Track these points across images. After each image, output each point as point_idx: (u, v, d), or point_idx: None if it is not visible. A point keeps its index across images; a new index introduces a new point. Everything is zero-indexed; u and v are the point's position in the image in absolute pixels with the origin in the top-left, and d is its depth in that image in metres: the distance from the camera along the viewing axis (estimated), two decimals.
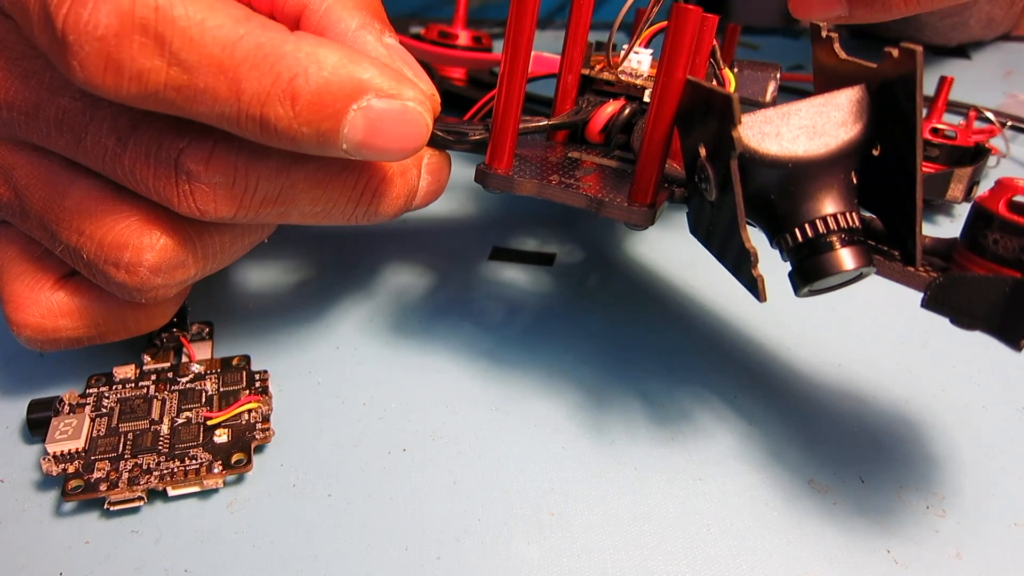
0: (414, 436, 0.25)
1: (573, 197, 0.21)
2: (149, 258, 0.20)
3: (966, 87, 0.51)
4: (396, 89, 0.18)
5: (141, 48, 0.16)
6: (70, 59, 0.16)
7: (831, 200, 0.19)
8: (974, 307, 0.18)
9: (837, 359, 0.26)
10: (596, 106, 0.26)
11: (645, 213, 0.21)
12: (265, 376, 0.25)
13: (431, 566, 0.21)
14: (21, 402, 0.24)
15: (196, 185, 0.19)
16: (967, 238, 0.20)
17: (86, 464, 0.22)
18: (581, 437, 0.25)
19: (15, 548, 0.21)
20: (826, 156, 0.18)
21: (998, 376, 0.27)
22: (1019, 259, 0.18)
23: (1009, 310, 0.18)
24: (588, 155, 0.25)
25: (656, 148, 0.20)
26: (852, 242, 0.19)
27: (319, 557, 0.21)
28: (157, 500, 0.22)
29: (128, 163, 0.19)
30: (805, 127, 0.19)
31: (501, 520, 0.22)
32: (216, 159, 0.19)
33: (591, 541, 0.22)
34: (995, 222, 0.19)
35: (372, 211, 0.21)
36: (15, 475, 0.23)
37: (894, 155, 0.19)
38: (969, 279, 0.18)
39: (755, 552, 0.22)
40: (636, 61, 0.26)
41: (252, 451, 0.22)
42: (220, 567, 0.21)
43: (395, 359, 0.27)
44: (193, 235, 0.21)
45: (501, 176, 0.22)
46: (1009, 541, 0.22)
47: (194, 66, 0.17)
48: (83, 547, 0.21)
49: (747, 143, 0.18)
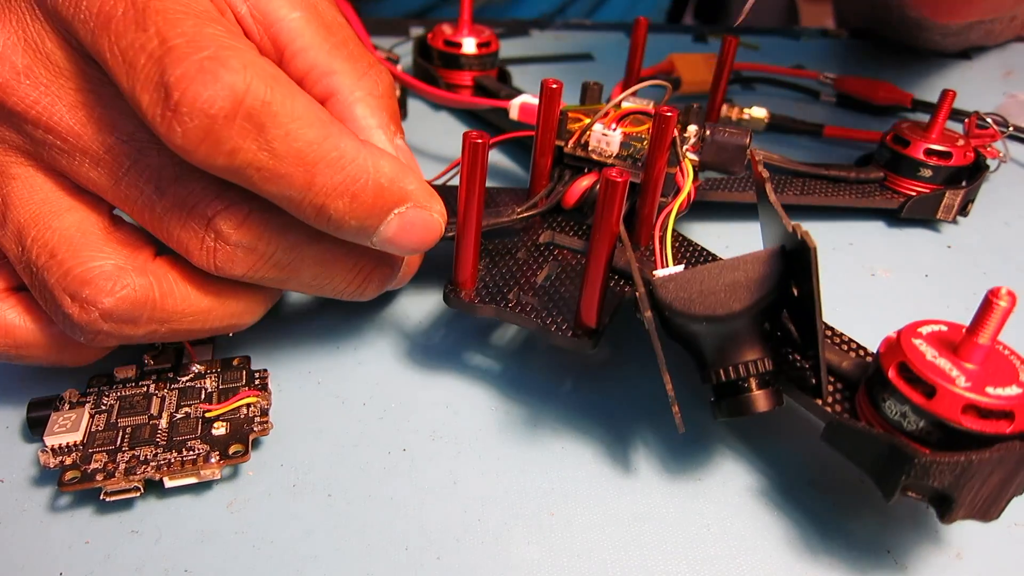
0: (414, 436, 0.25)
1: (526, 321, 0.24)
2: (106, 302, 0.20)
3: (966, 88, 0.51)
4: (428, 203, 0.22)
5: (241, 131, 0.18)
6: (175, 125, 0.18)
7: (748, 348, 0.21)
8: (860, 454, 0.20)
9: None
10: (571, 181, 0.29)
11: (587, 342, 0.23)
12: (265, 375, 0.25)
13: (431, 566, 0.21)
14: (20, 403, 0.24)
15: (221, 245, 0.20)
16: (867, 385, 0.21)
17: (83, 456, 0.22)
18: (581, 437, 0.25)
19: (15, 548, 0.21)
20: (741, 312, 0.20)
21: None
22: (900, 423, 0.19)
23: (886, 466, 0.19)
24: (561, 236, 0.29)
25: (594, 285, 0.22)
26: (766, 384, 0.21)
27: (319, 557, 0.21)
28: (154, 495, 0.22)
29: (160, 210, 0.20)
30: (726, 285, 0.20)
31: (501, 520, 0.22)
32: (248, 225, 0.20)
33: (591, 541, 0.22)
34: (888, 386, 0.20)
35: (359, 291, 0.24)
36: (15, 475, 0.23)
37: (806, 301, 0.20)
38: (856, 430, 0.20)
39: (755, 552, 0.22)
40: (605, 142, 0.29)
41: (250, 443, 0.22)
42: (220, 567, 0.21)
43: (395, 359, 0.27)
44: (159, 297, 0.21)
45: (464, 301, 0.25)
46: (1009, 541, 0.22)
47: (281, 155, 0.19)
48: (83, 547, 0.21)
49: (670, 304, 0.21)
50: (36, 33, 0.20)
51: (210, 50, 0.18)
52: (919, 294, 0.32)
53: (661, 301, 0.20)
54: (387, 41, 0.51)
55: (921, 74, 0.52)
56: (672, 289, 0.20)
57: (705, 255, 0.29)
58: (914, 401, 0.19)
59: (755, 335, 0.21)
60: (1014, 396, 0.18)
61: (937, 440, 0.19)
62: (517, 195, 0.32)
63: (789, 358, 0.23)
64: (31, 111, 0.20)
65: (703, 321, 0.20)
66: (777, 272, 0.20)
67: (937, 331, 0.20)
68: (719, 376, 0.21)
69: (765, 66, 0.49)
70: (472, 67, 0.44)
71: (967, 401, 0.18)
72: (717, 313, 0.20)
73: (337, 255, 0.23)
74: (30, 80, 0.20)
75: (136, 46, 0.18)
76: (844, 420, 0.20)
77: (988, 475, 0.18)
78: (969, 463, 0.18)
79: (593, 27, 0.59)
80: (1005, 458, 0.18)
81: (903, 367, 0.20)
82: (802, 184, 0.35)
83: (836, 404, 0.22)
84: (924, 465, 0.18)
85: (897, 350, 0.20)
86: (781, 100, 0.48)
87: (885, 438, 0.19)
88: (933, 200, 0.35)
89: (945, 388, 0.19)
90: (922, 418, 0.19)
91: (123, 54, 0.18)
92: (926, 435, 0.19)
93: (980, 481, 0.18)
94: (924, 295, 0.32)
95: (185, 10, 0.19)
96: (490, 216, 0.28)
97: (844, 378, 0.22)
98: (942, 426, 0.19)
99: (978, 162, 0.36)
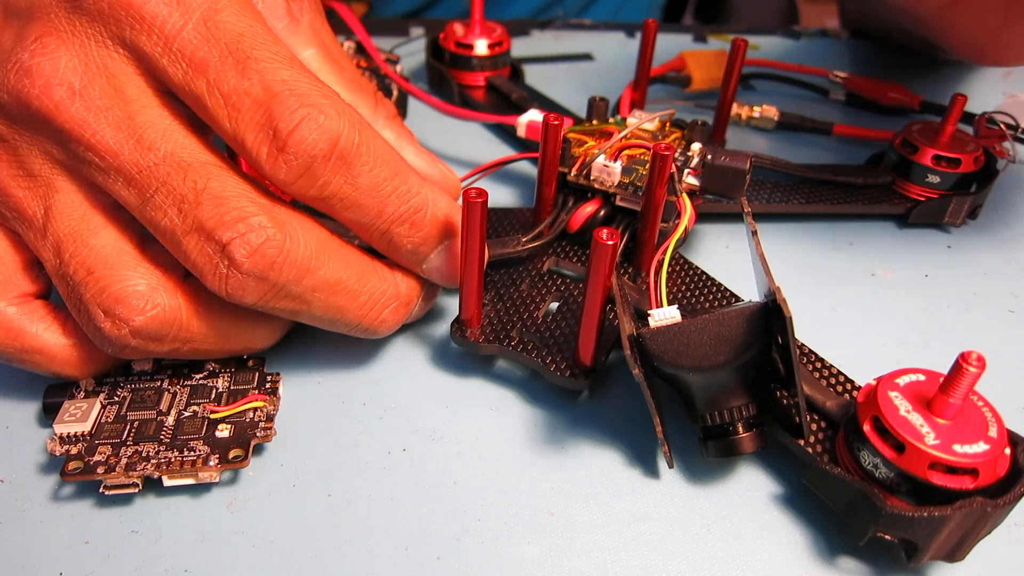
0: (414, 436, 0.25)
1: (528, 360, 0.26)
2: (138, 320, 0.21)
3: (966, 88, 0.51)
4: None
5: (334, 168, 0.21)
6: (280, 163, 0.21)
7: (734, 395, 0.22)
8: (835, 497, 0.21)
9: (838, 359, 0.26)
10: (574, 208, 0.31)
11: (583, 382, 0.25)
12: (277, 379, 0.25)
13: (431, 566, 0.21)
14: (20, 402, 0.25)
15: (233, 272, 0.21)
16: (845, 430, 0.22)
17: (88, 447, 0.22)
18: (581, 437, 0.25)
19: (15, 548, 0.21)
20: (726, 364, 0.21)
21: (998, 376, 0.27)
22: (872, 472, 0.21)
23: (858, 512, 0.20)
24: (565, 263, 0.30)
25: (589, 332, 0.24)
26: (751, 426, 0.22)
27: (319, 557, 0.21)
28: (153, 493, 0.22)
29: (180, 233, 0.21)
30: (712, 338, 0.21)
31: (501, 520, 0.22)
32: (260, 254, 0.21)
33: (591, 541, 0.22)
34: (862, 437, 0.21)
35: (374, 324, 0.25)
36: (15, 475, 0.23)
37: (787, 353, 0.21)
38: (831, 475, 0.21)
39: (755, 552, 0.22)
40: (607, 173, 0.30)
41: (251, 448, 0.22)
42: (220, 567, 0.21)
43: (395, 359, 0.27)
44: (186, 318, 0.22)
45: (470, 340, 0.26)
46: (1009, 541, 0.22)
47: (362, 188, 0.22)
48: (83, 547, 0.21)
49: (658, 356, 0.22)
50: (103, 57, 0.21)
51: (312, 98, 0.21)
52: (919, 294, 0.32)
53: (650, 352, 0.22)
54: (387, 42, 0.51)
55: (922, 74, 0.52)
56: (660, 342, 0.22)
57: (704, 280, 0.29)
58: (884, 455, 0.20)
59: (741, 382, 0.22)
60: (979, 454, 0.19)
61: (906, 491, 0.20)
62: (523, 219, 0.32)
63: (776, 395, 0.24)
64: (78, 130, 0.21)
65: (689, 372, 0.22)
66: (761, 326, 0.21)
67: (914, 382, 0.21)
68: (706, 420, 0.22)
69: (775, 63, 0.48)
70: (484, 68, 0.44)
71: (933, 459, 0.19)
72: (703, 365, 0.21)
73: (349, 288, 0.23)
74: (83, 101, 0.21)
75: (239, 91, 0.21)
76: (822, 465, 0.21)
77: (952, 527, 0.19)
78: (932, 517, 0.19)
79: (593, 27, 0.59)
80: (968, 514, 0.19)
81: (876, 421, 0.21)
82: (808, 190, 0.35)
83: (818, 444, 0.23)
84: (890, 516, 0.19)
85: (873, 403, 0.21)
86: (789, 99, 0.48)
87: (857, 486, 0.20)
88: (941, 206, 0.35)
89: (913, 445, 0.20)
90: (892, 471, 0.20)
91: (225, 98, 0.21)
92: (896, 486, 0.20)
93: (944, 532, 0.19)
94: (924, 295, 0.32)
95: (279, 59, 0.21)
96: (496, 246, 0.29)
97: (828, 417, 0.23)
98: (910, 479, 0.20)
99: (988, 166, 0.35)
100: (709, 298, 0.28)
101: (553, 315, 0.27)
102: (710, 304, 0.28)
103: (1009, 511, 0.20)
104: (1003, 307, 0.31)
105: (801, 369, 0.23)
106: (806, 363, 0.25)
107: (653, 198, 0.28)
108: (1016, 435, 0.21)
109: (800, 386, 0.21)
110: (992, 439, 0.20)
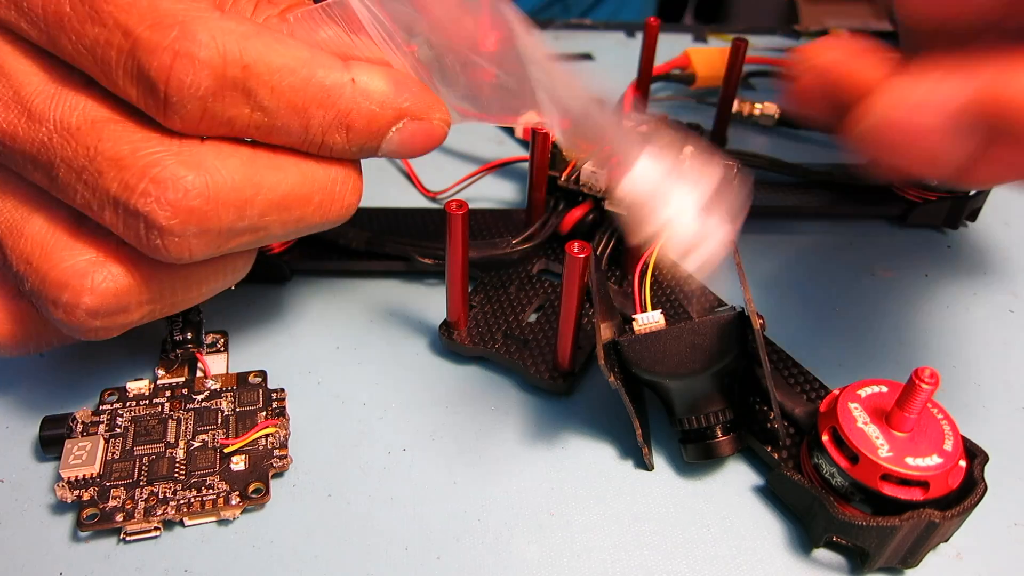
0: (414, 436, 0.25)
1: (510, 362, 0.26)
2: (87, 301, 0.20)
3: None
4: (426, 112, 0.21)
5: (232, 101, 0.19)
6: (172, 115, 0.18)
7: (711, 399, 0.23)
8: (795, 501, 0.22)
9: (838, 359, 0.26)
10: (565, 211, 0.31)
11: (562, 385, 0.25)
12: (282, 395, 0.25)
13: (431, 566, 0.21)
14: (20, 401, 0.25)
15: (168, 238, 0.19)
16: (808, 438, 0.23)
17: (101, 491, 0.21)
18: (581, 437, 0.25)
19: (15, 548, 0.21)
20: (702, 370, 0.22)
21: (998, 376, 0.27)
22: (829, 480, 0.21)
23: (814, 517, 0.21)
24: (555, 264, 0.30)
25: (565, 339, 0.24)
26: (729, 430, 0.23)
27: (319, 557, 0.21)
28: (174, 527, 0.22)
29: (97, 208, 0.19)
30: (688, 347, 0.22)
31: (501, 520, 0.22)
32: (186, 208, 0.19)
33: (591, 541, 0.22)
34: (821, 446, 0.21)
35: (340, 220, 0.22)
36: (15, 475, 0.23)
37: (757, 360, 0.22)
38: (792, 481, 0.22)
39: (755, 552, 0.22)
40: (595, 178, 0.30)
41: (270, 480, 0.22)
42: (220, 567, 0.21)
43: (395, 359, 0.27)
44: (142, 281, 0.20)
45: (456, 343, 0.27)
46: (1009, 541, 0.22)
47: (273, 110, 0.19)
48: (83, 547, 0.21)
49: (636, 363, 0.22)
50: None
51: (175, 30, 0.18)
52: (919, 294, 0.32)
53: (628, 359, 0.22)
54: None
55: None
56: (638, 350, 0.22)
57: (690, 284, 0.29)
58: (840, 465, 0.21)
59: (718, 388, 0.23)
60: (931, 467, 0.20)
61: (860, 500, 0.21)
62: (514, 221, 0.32)
63: (748, 400, 0.24)
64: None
65: (667, 378, 0.22)
66: (735, 335, 0.22)
67: (876, 393, 0.22)
68: (684, 424, 0.23)
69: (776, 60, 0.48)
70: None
71: (884, 470, 0.20)
72: (679, 372, 0.22)
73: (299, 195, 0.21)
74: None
75: (101, 43, 0.18)
76: (783, 471, 0.22)
77: (902, 536, 0.20)
78: (881, 527, 0.20)
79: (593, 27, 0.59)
80: (916, 524, 0.20)
81: (834, 431, 0.21)
82: (808, 190, 0.35)
83: (784, 449, 0.23)
84: (843, 524, 0.20)
85: (832, 413, 0.21)
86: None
87: (813, 493, 0.21)
88: (935, 208, 0.35)
89: (866, 456, 0.20)
90: (846, 480, 0.21)
91: (91, 52, 0.18)
92: (850, 495, 0.21)
93: (894, 541, 0.20)
94: (924, 295, 0.32)
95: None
96: (486, 248, 0.29)
97: (796, 423, 0.24)
98: (863, 490, 0.20)
99: None
100: (694, 303, 0.28)
101: (537, 319, 0.28)
102: (695, 309, 0.28)
103: (961, 522, 0.20)
104: (1003, 307, 0.31)
105: (773, 376, 0.23)
106: (781, 368, 0.25)
107: None
108: (975, 448, 0.21)
109: (774, 394, 0.22)
110: (946, 452, 0.20)
